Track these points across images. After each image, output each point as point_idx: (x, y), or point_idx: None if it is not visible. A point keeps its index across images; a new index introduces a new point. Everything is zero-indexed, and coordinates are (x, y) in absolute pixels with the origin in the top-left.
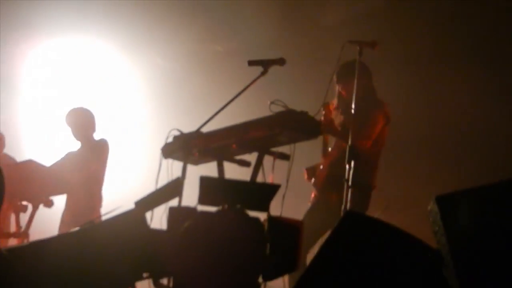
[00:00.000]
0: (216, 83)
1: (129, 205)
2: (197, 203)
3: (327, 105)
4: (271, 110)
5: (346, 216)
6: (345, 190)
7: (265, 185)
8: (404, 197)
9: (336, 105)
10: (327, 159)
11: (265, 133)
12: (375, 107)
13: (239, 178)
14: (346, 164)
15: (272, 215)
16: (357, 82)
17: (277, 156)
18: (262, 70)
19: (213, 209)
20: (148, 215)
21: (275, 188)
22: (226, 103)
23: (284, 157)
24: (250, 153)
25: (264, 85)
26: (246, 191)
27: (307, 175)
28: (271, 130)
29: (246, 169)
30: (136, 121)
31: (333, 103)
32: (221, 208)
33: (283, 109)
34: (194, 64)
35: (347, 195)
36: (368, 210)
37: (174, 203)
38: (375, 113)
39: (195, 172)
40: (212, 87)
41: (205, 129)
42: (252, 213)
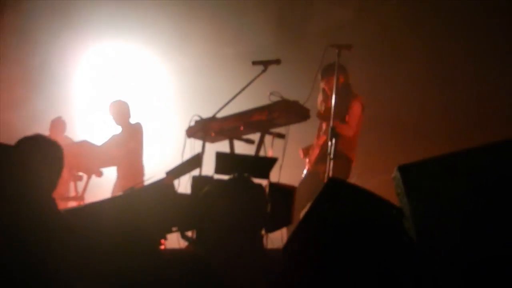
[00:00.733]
0: (227, 78)
1: (161, 175)
2: (214, 172)
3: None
4: (270, 99)
5: (329, 181)
6: (328, 161)
7: (266, 158)
8: (373, 167)
9: (321, 99)
10: (320, 140)
11: (265, 117)
12: (353, 99)
13: (246, 153)
14: (329, 141)
15: (271, 181)
16: (336, 79)
17: (275, 135)
18: (263, 68)
19: (226, 177)
20: (176, 182)
21: (273, 160)
22: (235, 94)
23: (280, 136)
24: (254, 133)
25: (264, 80)
26: (251, 163)
27: (303, 154)
28: (270, 114)
29: (251, 146)
30: (166, 109)
31: (319, 99)
32: (232, 176)
33: (279, 98)
34: (210, 62)
35: (329, 166)
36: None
37: (196, 173)
38: (354, 105)
39: (212, 148)
40: (224, 81)
41: (219, 115)
42: (256, 180)
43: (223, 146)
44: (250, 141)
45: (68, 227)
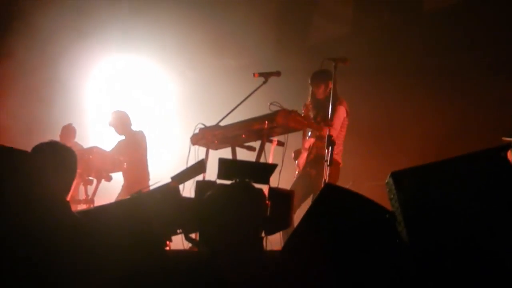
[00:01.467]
0: (229, 89)
1: (166, 179)
2: (217, 178)
3: (306, 105)
4: (270, 109)
5: (325, 187)
6: (325, 168)
7: (266, 165)
8: (367, 173)
9: (309, 102)
10: (306, 143)
11: (266, 126)
12: (339, 104)
13: (247, 159)
14: (325, 148)
15: (271, 186)
16: (327, 86)
17: (276, 143)
18: (263, 80)
19: (228, 182)
20: (180, 186)
21: (273, 166)
22: (237, 104)
23: (280, 144)
24: (255, 141)
25: (265, 91)
26: (252, 169)
27: (294, 156)
28: (271, 123)
29: (251, 152)
30: (171, 118)
31: (308, 101)
32: (234, 181)
33: (279, 108)
34: (213, 74)
35: (327, 171)
36: (338, 181)
37: (199, 178)
38: (339, 109)
39: (215, 155)
40: (226, 92)
41: (222, 123)
42: (256, 185)
43: (226, 153)
44: (251, 148)
45: (80, 228)
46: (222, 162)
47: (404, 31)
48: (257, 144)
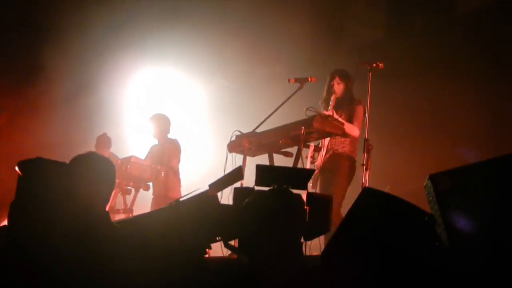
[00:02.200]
0: (265, 95)
1: (204, 187)
2: (254, 184)
3: (324, 101)
4: (306, 114)
5: (364, 191)
6: (363, 173)
7: (304, 170)
8: (405, 175)
9: (333, 99)
10: (324, 141)
11: (302, 131)
12: (358, 104)
13: (285, 165)
14: (363, 152)
15: (309, 191)
16: (347, 86)
17: (313, 148)
18: (299, 85)
19: (266, 188)
20: (218, 194)
21: (311, 172)
22: (273, 110)
23: (317, 149)
24: (291, 147)
25: (300, 97)
26: (290, 175)
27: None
28: (307, 128)
29: (289, 158)
30: (207, 127)
31: (326, 97)
32: (272, 187)
33: (315, 113)
34: (248, 82)
35: (366, 176)
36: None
37: (237, 185)
38: (358, 109)
39: (252, 161)
40: (262, 99)
41: (259, 130)
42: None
43: (263, 159)
44: (288, 154)
45: (120, 238)
46: (259, 168)
47: (437, 34)
48: (294, 149)
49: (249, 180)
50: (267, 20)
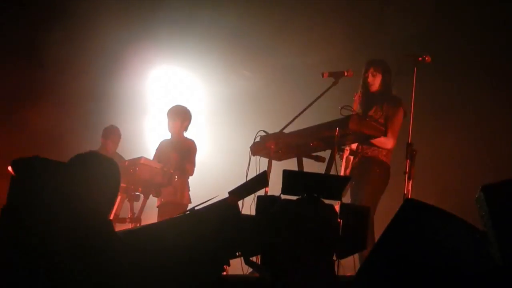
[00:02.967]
0: (294, 91)
1: (224, 195)
2: (281, 192)
3: (356, 94)
4: (342, 113)
5: (406, 203)
6: (406, 182)
7: (338, 177)
8: (454, 185)
9: (360, 94)
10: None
11: (337, 133)
12: (399, 105)
13: (316, 171)
14: (406, 159)
15: (343, 202)
16: (385, 80)
17: (348, 152)
18: (333, 80)
19: (294, 197)
20: (239, 203)
21: (346, 179)
22: (304, 108)
23: (353, 154)
24: (324, 150)
25: (335, 93)
26: (321, 182)
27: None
28: (342, 130)
29: (320, 164)
30: (227, 125)
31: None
32: (301, 197)
33: (351, 113)
34: (275, 75)
35: (408, 185)
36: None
37: (261, 192)
38: (399, 114)
39: (279, 166)
40: (291, 95)
41: (287, 130)
42: (326, 201)
43: (291, 164)
44: (320, 159)
45: (125, 251)
46: (287, 174)
47: (486, 27)
48: (326, 154)
49: (274, 187)
50: (296, 2)
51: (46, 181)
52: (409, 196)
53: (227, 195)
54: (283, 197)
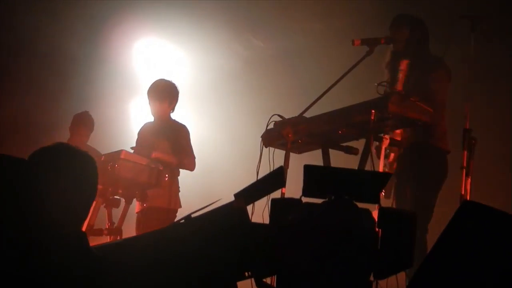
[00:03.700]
0: (316, 63)
1: (228, 198)
2: (302, 194)
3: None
4: (378, 92)
5: (464, 206)
6: (463, 179)
7: (375, 174)
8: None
9: (388, 62)
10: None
11: (372, 117)
12: (439, 66)
13: (346, 166)
14: (462, 150)
15: (382, 206)
16: (414, 35)
17: (388, 141)
18: (367, 49)
19: (318, 200)
20: (249, 208)
21: (386, 176)
22: (330, 85)
23: (395, 144)
24: (356, 140)
25: (369, 66)
26: (354, 181)
27: (376, 153)
28: (379, 113)
29: (353, 157)
30: (233, 107)
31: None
32: (327, 199)
33: (391, 91)
34: (292, 42)
35: (465, 183)
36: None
37: (276, 194)
38: (441, 75)
39: (298, 160)
40: (312, 67)
41: (308, 114)
42: (360, 204)
43: (314, 157)
44: (352, 150)
45: (103, 271)
46: (309, 171)
47: None
48: (359, 144)
49: (293, 188)
50: None
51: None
52: (468, 197)
53: (232, 199)
54: (304, 200)
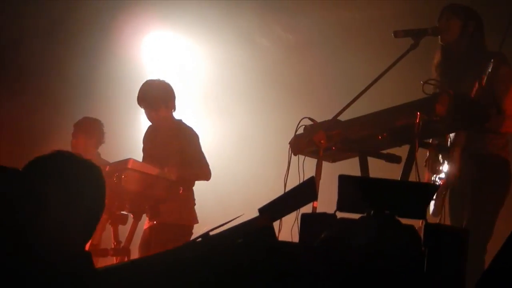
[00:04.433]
0: (353, 59)
1: (251, 213)
2: (336, 208)
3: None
4: (425, 91)
5: None
6: None
7: (420, 186)
8: None
9: (437, 62)
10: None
11: (418, 120)
12: (502, 62)
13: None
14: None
15: (428, 222)
16: (466, 27)
17: (436, 149)
18: (412, 42)
19: (355, 216)
20: (275, 224)
21: (433, 189)
22: (368, 84)
23: (443, 150)
24: (399, 146)
25: (413, 62)
26: (396, 193)
27: (426, 164)
28: (427, 115)
29: (394, 166)
30: (256, 108)
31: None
32: (366, 214)
33: (440, 90)
34: (324, 36)
35: None
36: None
37: (307, 209)
38: (507, 73)
39: (332, 170)
40: (349, 64)
41: (343, 117)
42: (403, 220)
43: (350, 166)
44: (394, 159)
45: None
46: (345, 182)
47: None
48: (403, 151)
49: (326, 201)
50: None
51: None
52: None
53: (256, 214)
54: (339, 215)
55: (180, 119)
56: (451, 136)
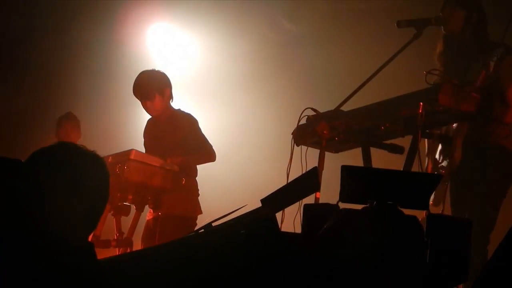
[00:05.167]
0: (356, 49)
1: (254, 204)
2: (339, 199)
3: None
4: (427, 81)
5: None
6: None
7: (423, 176)
8: None
9: (440, 51)
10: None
11: (421, 110)
12: (504, 52)
13: (389, 167)
14: None
15: (431, 212)
16: (469, 17)
17: (438, 139)
18: (415, 32)
19: (358, 206)
20: (278, 215)
21: (436, 179)
22: (371, 74)
23: (446, 142)
24: (402, 137)
25: (415, 51)
26: (399, 184)
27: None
28: (430, 105)
29: (397, 157)
30: (259, 99)
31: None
32: (368, 205)
33: (443, 80)
34: (327, 27)
35: None
36: None
37: (309, 200)
38: (507, 63)
39: (335, 161)
40: (352, 54)
41: (346, 108)
42: (406, 211)
43: (352, 157)
44: (397, 149)
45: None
46: (348, 172)
47: None
48: (405, 141)
49: (329, 192)
50: None
51: None
52: None
53: (259, 205)
54: (341, 206)
55: (178, 108)
56: (454, 125)
